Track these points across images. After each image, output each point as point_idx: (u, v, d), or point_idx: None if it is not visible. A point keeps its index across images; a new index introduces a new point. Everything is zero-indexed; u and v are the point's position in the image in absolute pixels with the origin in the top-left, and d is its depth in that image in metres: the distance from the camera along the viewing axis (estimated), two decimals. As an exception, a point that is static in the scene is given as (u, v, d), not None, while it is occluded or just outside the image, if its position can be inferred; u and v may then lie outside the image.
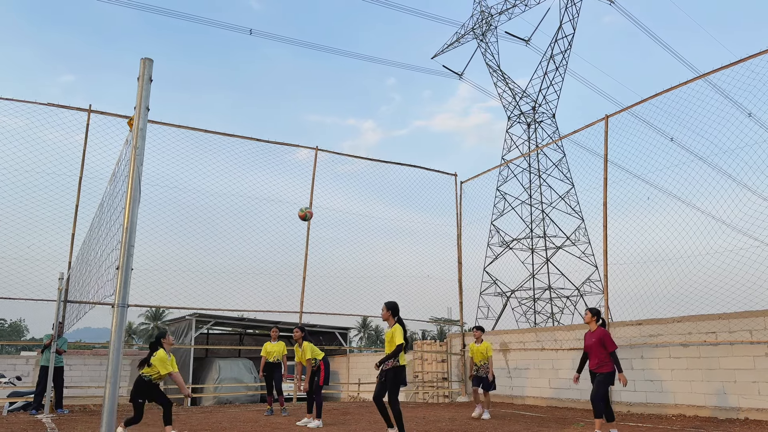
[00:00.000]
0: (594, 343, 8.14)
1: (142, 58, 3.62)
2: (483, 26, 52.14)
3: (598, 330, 8.22)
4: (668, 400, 10.85)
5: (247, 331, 25.75)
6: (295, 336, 10.05)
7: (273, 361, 11.75)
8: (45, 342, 11.86)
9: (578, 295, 46.66)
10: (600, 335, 8.11)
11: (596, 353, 8.09)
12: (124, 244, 3.38)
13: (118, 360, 3.29)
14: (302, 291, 14.62)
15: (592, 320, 8.35)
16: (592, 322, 8.34)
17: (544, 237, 48.65)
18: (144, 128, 3.56)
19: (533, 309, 47.92)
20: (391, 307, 7.79)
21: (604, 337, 8.08)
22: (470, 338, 16.35)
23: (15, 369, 20.40)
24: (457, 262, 17.15)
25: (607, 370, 8.00)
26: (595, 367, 8.15)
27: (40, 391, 11.59)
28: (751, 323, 9.83)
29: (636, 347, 11.51)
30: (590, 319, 8.37)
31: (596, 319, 8.36)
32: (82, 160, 12.28)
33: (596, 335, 8.16)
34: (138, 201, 3.48)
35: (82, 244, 9.51)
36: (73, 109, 12.38)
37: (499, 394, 14.73)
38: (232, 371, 19.28)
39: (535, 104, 51.42)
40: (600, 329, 8.21)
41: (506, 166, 49.46)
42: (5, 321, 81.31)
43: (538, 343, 13.84)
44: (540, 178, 49.96)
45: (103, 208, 6.76)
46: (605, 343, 8.05)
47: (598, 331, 8.19)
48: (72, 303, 11.18)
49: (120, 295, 3.32)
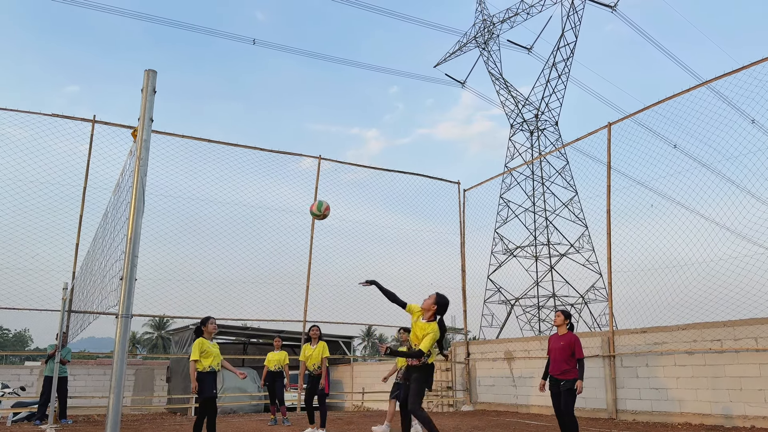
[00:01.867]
0: (561, 347, 7.59)
1: (146, 70, 3.64)
2: (485, 35, 52.30)
3: (568, 334, 7.69)
4: (674, 409, 10.78)
5: (250, 340, 25.70)
6: (312, 334, 9.87)
7: (275, 370, 11.74)
8: (49, 352, 11.86)
9: (583, 302, 46.50)
10: (570, 340, 7.58)
11: (563, 358, 7.53)
12: (128, 255, 3.40)
13: (122, 371, 3.30)
14: (306, 300, 14.61)
15: (563, 323, 7.81)
16: (563, 325, 7.81)
17: (548, 244, 48.55)
18: (148, 139, 3.58)
19: (538, 317, 47.74)
20: (440, 303, 6.69)
21: (575, 344, 7.55)
22: (474, 346, 16.30)
23: (19, 379, 20.40)
24: (460, 270, 17.12)
25: (573, 377, 7.46)
26: (558, 373, 7.58)
27: (44, 402, 11.59)
28: (756, 330, 9.78)
29: (641, 355, 11.46)
30: (562, 321, 7.82)
31: (567, 323, 7.83)
32: (86, 170, 12.34)
33: (565, 339, 7.63)
34: (142, 212, 3.49)
35: (86, 254, 9.53)
36: (78, 120, 12.45)
37: (503, 403, 14.66)
38: (236, 381, 19.22)
39: (537, 112, 51.47)
40: (570, 334, 7.69)
41: (509, 173, 49.44)
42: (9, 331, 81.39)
43: (542, 351, 13.77)
44: (543, 185, 49.93)
45: (107, 218, 6.79)
46: (575, 350, 7.52)
47: (567, 336, 7.66)
48: (76, 313, 11.19)
49: (124, 306, 3.32)
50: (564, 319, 7.85)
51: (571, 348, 7.55)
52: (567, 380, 7.49)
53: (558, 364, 7.60)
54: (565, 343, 7.61)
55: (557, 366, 7.63)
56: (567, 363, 7.54)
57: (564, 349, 7.58)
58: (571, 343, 7.56)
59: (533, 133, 51.41)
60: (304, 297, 14.60)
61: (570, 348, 7.55)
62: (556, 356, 7.64)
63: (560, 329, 7.86)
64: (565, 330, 7.80)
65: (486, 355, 15.62)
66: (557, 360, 7.62)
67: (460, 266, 17.15)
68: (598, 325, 43.43)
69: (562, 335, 7.77)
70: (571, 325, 7.89)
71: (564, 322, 7.83)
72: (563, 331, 7.80)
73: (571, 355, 7.55)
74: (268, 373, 11.75)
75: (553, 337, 7.96)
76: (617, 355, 11.86)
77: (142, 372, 23.48)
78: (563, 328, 7.82)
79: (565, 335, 7.72)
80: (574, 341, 7.58)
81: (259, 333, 22.48)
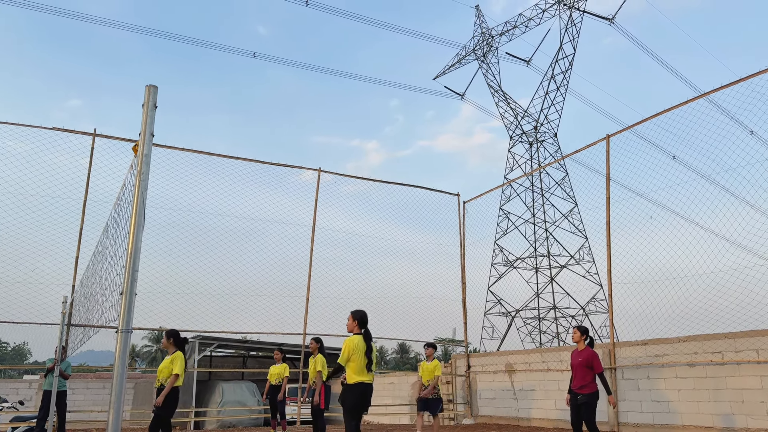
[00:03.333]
0: (580, 363, 7.87)
1: (147, 85, 3.66)
2: (484, 47, 52.61)
3: (586, 350, 7.97)
4: (675, 421, 10.72)
5: (250, 353, 25.63)
6: (311, 347, 9.88)
7: (276, 383, 11.69)
8: (48, 366, 11.81)
9: (583, 314, 46.37)
10: (588, 356, 7.86)
11: (582, 374, 7.82)
12: (128, 269, 3.40)
13: (122, 386, 3.29)
14: (305, 312, 14.57)
15: (581, 339, 8.10)
16: (581, 341, 8.09)
17: (549, 256, 48.51)
18: (149, 154, 3.60)
19: (538, 329, 47.59)
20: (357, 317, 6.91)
21: (592, 358, 7.83)
22: (475, 359, 16.23)
23: (18, 393, 20.28)
24: (460, 281, 17.10)
25: (591, 391, 7.76)
26: (578, 388, 7.88)
27: (43, 416, 11.51)
28: (757, 342, 9.76)
29: (642, 367, 11.41)
30: (579, 338, 8.12)
31: (585, 338, 8.11)
32: (86, 183, 12.36)
33: (584, 355, 7.91)
34: (142, 227, 3.50)
35: (86, 267, 9.52)
36: (78, 133, 12.49)
37: (504, 416, 14.58)
38: (236, 394, 19.15)
39: (536, 124, 51.64)
40: (588, 349, 7.98)
41: (509, 185, 49.51)
42: (8, 344, 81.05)
43: (543, 364, 13.73)
44: (543, 197, 49.98)
45: (108, 232, 6.79)
46: (593, 365, 7.81)
47: (585, 351, 7.94)
48: (76, 326, 11.16)
49: (124, 321, 3.32)
50: (581, 335, 8.13)
51: (590, 363, 7.81)
52: (584, 394, 7.75)
53: (578, 379, 7.87)
54: (583, 359, 7.87)
55: (577, 381, 7.90)
56: (585, 378, 7.80)
57: (582, 364, 7.84)
58: (589, 359, 7.83)
59: (532, 144, 51.54)
60: (304, 309, 14.57)
61: (588, 363, 7.81)
62: (578, 371, 7.92)
63: (579, 345, 8.13)
64: (584, 345, 8.07)
65: (487, 367, 15.55)
66: (577, 375, 7.90)
67: (461, 278, 17.12)
68: (599, 336, 43.27)
69: (581, 351, 8.04)
70: (590, 340, 8.16)
71: (581, 338, 8.11)
72: (582, 347, 8.07)
73: (589, 369, 7.79)
74: (270, 387, 11.69)
75: (573, 352, 8.21)
76: (618, 367, 11.81)
77: (142, 385, 23.37)
78: (581, 344, 8.09)
79: (584, 351, 7.99)
80: (592, 356, 7.85)
81: (259, 346, 22.41)
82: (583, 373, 7.78)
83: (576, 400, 7.87)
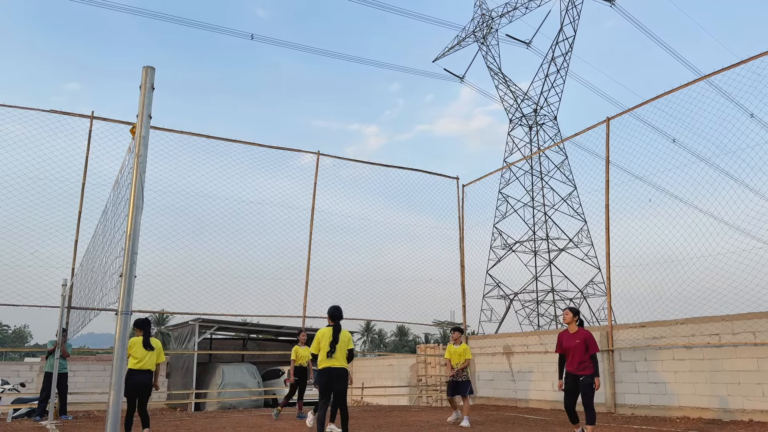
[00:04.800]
0: (578, 345, 7.80)
1: (144, 67, 3.64)
2: (484, 29, 52.23)
3: (580, 331, 7.89)
4: (672, 402, 10.82)
5: (250, 336, 25.75)
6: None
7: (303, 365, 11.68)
8: (49, 348, 11.88)
9: (581, 297, 46.59)
10: (585, 337, 7.80)
11: (580, 355, 7.75)
12: (128, 252, 3.40)
13: (122, 367, 3.31)
14: (305, 295, 14.63)
15: (572, 320, 8.00)
16: (573, 322, 8.00)
17: (547, 239, 48.61)
18: (146, 136, 3.58)
19: (536, 311, 47.85)
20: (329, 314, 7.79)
21: (589, 339, 7.77)
22: (474, 341, 16.33)
23: (19, 375, 20.42)
24: (459, 265, 17.15)
25: (590, 372, 7.71)
26: (578, 369, 7.81)
27: (44, 398, 11.61)
28: (754, 325, 9.82)
29: (639, 350, 11.49)
30: (571, 319, 8.01)
31: (576, 320, 8.01)
32: (84, 166, 12.33)
33: (580, 336, 7.83)
34: (141, 209, 3.50)
35: (86, 250, 9.54)
36: (76, 116, 12.43)
37: (502, 398, 14.71)
38: (236, 376, 19.26)
39: (536, 107, 51.45)
40: (583, 330, 7.92)
41: (508, 168, 49.45)
42: (9, 327, 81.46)
43: (541, 346, 13.82)
44: (542, 180, 49.96)
45: (107, 215, 6.79)
46: (589, 345, 7.75)
47: (581, 333, 7.87)
48: (76, 309, 11.20)
49: (123, 303, 3.33)
50: (573, 316, 8.03)
51: (587, 344, 7.77)
52: (587, 375, 7.70)
53: (577, 360, 7.79)
54: (580, 340, 7.81)
55: (575, 362, 7.82)
56: (584, 358, 7.76)
57: (580, 346, 7.78)
58: (586, 339, 7.79)
59: (532, 128, 51.40)
60: (304, 292, 14.62)
61: (586, 344, 7.78)
62: (574, 354, 7.83)
63: (570, 327, 8.03)
64: (576, 327, 7.98)
65: (485, 349, 15.66)
66: (576, 357, 7.81)
67: (459, 261, 17.17)
68: (597, 319, 43.52)
69: (574, 333, 7.95)
70: (581, 321, 8.08)
71: (573, 319, 8.02)
72: (574, 329, 7.99)
73: (586, 350, 7.76)
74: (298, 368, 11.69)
75: (564, 334, 8.07)
76: (616, 349, 11.90)
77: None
78: (573, 326, 8.00)
79: (578, 332, 7.92)
80: (588, 337, 7.80)
81: (259, 329, 22.52)
82: (581, 354, 7.74)
83: (573, 382, 7.83)
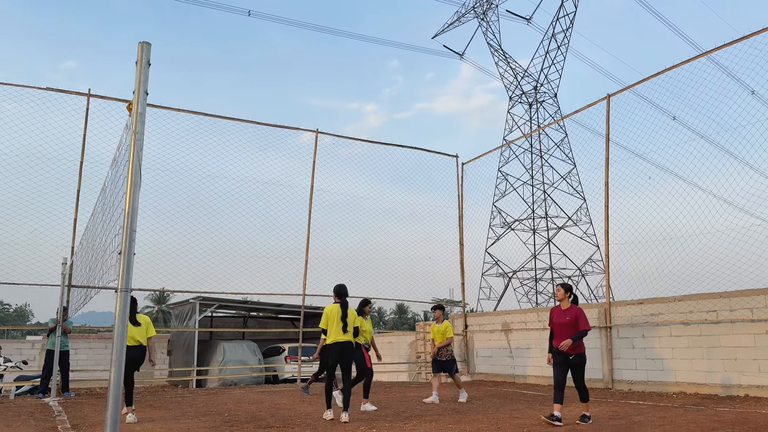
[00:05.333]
0: (568, 322, 7.58)
1: (140, 42, 3.60)
2: (484, 4, 51.65)
3: (573, 308, 7.67)
4: (669, 378, 10.93)
5: (250, 314, 25.88)
6: None
7: None
8: (50, 326, 11.95)
9: (580, 275, 46.80)
10: (576, 313, 7.58)
11: (570, 333, 7.53)
12: (126, 229, 3.40)
13: (122, 344, 3.32)
14: (305, 273, 14.68)
15: (565, 297, 7.77)
16: (566, 299, 7.76)
17: (546, 217, 48.67)
18: (143, 113, 3.56)
19: (535, 289, 48.10)
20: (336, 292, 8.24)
21: (581, 316, 7.56)
22: (472, 319, 16.44)
23: (21, 353, 20.56)
24: (458, 243, 17.18)
25: (582, 350, 7.54)
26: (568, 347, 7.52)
27: (47, 375, 11.71)
28: (751, 301, 9.87)
29: (637, 326, 11.57)
30: (563, 295, 7.77)
31: (569, 296, 7.77)
32: (82, 145, 12.28)
33: (572, 313, 7.61)
34: (139, 186, 3.49)
35: (85, 229, 9.54)
36: (73, 94, 12.35)
37: (501, 374, 14.85)
38: (237, 353, 19.40)
39: (536, 84, 51.11)
40: (574, 307, 7.69)
41: (508, 146, 49.31)
42: (10, 306, 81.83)
43: (539, 323, 13.91)
44: (542, 158, 49.85)
45: (105, 193, 6.78)
46: (580, 322, 7.53)
47: (573, 309, 7.64)
48: (76, 288, 11.25)
49: (123, 280, 3.34)
50: (565, 292, 7.79)
51: (578, 321, 7.54)
52: (577, 354, 7.51)
53: (565, 337, 7.53)
54: (571, 317, 7.58)
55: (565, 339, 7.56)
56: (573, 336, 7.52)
57: (571, 323, 7.56)
58: (577, 316, 7.55)
59: (532, 105, 51.13)
60: (303, 270, 14.67)
61: (576, 321, 7.54)
62: (564, 331, 7.60)
63: (563, 303, 7.81)
64: (568, 303, 7.75)
65: (483, 327, 15.76)
66: (565, 334, 7.57)
67: (458, 239, 17.20)
68: (595, 296, 43.78)
69: (566, 309, 7.72)
70: (574, 298, 7.85)
71: (565, 295, 7.77)
72: (566, 305, 7.75)
73: (577, 327, 7.53)
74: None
75: (556, 310, 7.87)
76: (614, 326, 11.98)
77: (143, 345, 23.60)
78: (566, 302, 7.77)
79: (570, 309, 7.68)
80: (579, 314, 7.57)
81: (259, 306, 22.63)
82: (571, 332, 7.53)
83: (562, 359, 7.63)
